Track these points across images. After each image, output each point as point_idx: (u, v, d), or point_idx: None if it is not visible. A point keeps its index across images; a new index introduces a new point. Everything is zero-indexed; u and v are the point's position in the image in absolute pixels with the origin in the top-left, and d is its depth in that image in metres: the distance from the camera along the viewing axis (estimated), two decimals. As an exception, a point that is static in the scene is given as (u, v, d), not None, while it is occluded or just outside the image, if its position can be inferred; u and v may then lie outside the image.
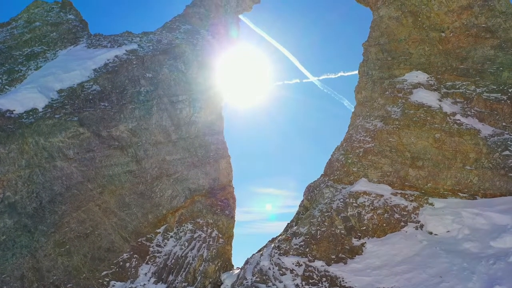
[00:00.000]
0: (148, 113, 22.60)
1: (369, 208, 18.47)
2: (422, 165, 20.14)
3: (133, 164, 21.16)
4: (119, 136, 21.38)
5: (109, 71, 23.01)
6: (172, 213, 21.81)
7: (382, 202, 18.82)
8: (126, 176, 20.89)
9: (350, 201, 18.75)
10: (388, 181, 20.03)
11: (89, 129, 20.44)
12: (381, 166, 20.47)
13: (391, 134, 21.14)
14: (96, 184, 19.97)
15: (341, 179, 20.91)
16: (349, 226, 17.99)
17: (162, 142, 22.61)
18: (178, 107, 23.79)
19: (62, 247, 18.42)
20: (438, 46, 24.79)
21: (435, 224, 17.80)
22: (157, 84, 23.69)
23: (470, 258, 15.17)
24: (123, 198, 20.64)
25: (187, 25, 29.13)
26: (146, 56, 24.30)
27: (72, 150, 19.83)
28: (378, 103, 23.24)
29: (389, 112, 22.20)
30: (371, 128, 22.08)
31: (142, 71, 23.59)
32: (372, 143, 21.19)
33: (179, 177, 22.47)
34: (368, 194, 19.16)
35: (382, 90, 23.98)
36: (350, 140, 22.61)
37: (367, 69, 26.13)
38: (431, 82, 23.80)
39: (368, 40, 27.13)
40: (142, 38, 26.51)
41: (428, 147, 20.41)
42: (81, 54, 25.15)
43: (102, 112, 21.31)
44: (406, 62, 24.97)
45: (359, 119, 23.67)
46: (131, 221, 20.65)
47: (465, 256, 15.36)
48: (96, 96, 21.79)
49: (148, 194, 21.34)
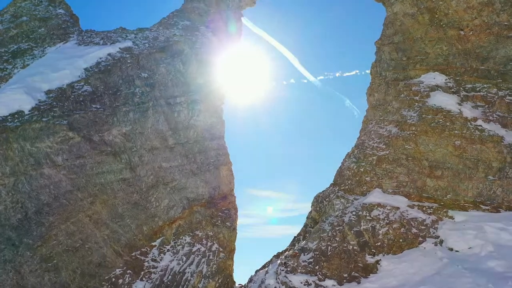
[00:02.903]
0: (144, 116, 22.39)
1: (384, 222, 18.27)
2: (441, 174, 19.94)
3: (127, 172, 20.94)
4: (112, 141, 21.15)
5: (101, 70, 22.71)
6: (168, 225, 21.40)
7: (398, 215, 18.62)
8: (119, 184, 20.66)
9: (363, 214, 18.54)
10: (404, 192, 19.81)
11: (79, 134, 20.18)
12: (397, 176, 20.24)
13: (407, 141, 20.90)
14: (87, 193, 19.73)
15: (353, 189, 20.75)
16: (362, 241, 17.77)
17: (158, 147, 22.44)
18: (176, 109, 23.50)
19: (49, 262, 18.13)
20: (457, 45, 24.56)
21: (456, 239, 17.56)
22: (153, 84, 23.48)
23: (495, 278, 14.82)
24: (116, 209, 20.40)
25: (186, 21, 28.85)
26: (141, 54, 24.03)
27: (61, 156, 19.54)
28: (392, 106, 23.03)
29: (404, 117, 21.95)
30: (385, 134, 21.86)
31: (137, 71, 23.37)
32: (387, 150, 21.01)
33: (176, 186, 22.16)
34: (382, 206, 18.98)
35: (396, 92, 23.75)
36: (362, 146, 22.41)
37: (380, 69, 25.90)
38: (450, 84, 23.58)
39: (381, 38, 26.87)
40: (137, 35, 26.16)
41: (447, 155, 20.17)
42: (71, 51, 24.70)
43: (93, 115, 21.07)
44: (422, 63, 24.71)
45: (372, 123, 23.46)
46: (124, 233, 20.42)
47: (489, 276, 15.01)
48: (87, 98, 21.51)
49: (143, 204, 21.11)
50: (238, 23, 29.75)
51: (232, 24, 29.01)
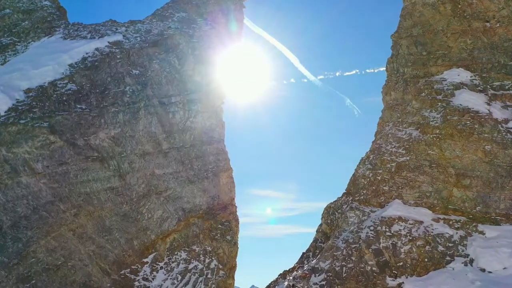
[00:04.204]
0: (134, 117, 21.56)
1: (406, 239, 17.29)
2: (470, 184, 18.99)
3: (116, 180, 20.17)
4: (99, 145, 20.31)
5: (88, 66, 21.80)
6: (162, 239, 20.77)
7: (422, 230, 17.67)
8: (106, 194, 19.86)
9: (382, 229, 17.61)
10: (427, 203, 18.95)
11: (61, 137, 19.32)
12: (419, 185, 19.40)
13: (431, 146, 20.00)
14: (70, 204, 18.91)
15: (369, 200, 19.91)
16: (382, 261, 16.68)
17: (150, 152, 21.61)
18: (171, 110, 22.77)
19: (27, 283, 17.20)
20: (483, 39, 23.65)
21: (489, 258, 16.54)
22: (145, 82, 22.64)
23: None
24: (103, 221, 19.63)
25: (182, 12, 28.18)
26: (132, 49, 23.13)
27: (41, 163, 18.66)
28: (412, 106, 22.21)
29: (426, 118, 21.07)
30: (404, 138, 21.03)
31: (127, 67, 22.49)
32: (407, 156, 20.13)
33: (171, 195, 21.55)
34: (404, 220, 18.04)
35: (416, 91, 22.87)
36: (378, 151, 21.48)
37: (397, 65, 25.17)
38: (476, 81, 22.59)
39: (397, 31, 26.02)
40: (128, 28, 25.28)
41: (476, 162, 19.18)
42: (55, 46, 23.72)
43: (78, 116, 20.20)
44: (444, 58, 23.94)
45: (389, 126, 22.62)
46: (112, 249, 19.57)
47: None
48: (71, 97, 20.60)
49: (134, 216, 20.32)
50: (239, 15, 28.61)
51: (232, 16, 27.95)
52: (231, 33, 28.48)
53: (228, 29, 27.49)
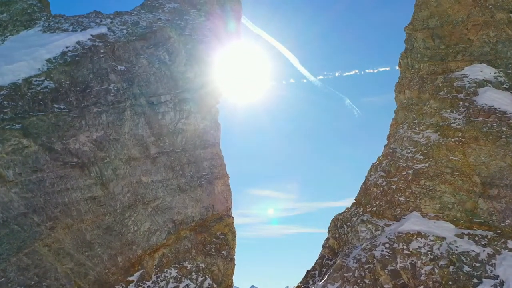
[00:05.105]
0: (119, 118, 20.76)
1: (427, 258, 15.91)
2: (497, 194, 17.77)
3: (98, 188, 19.42)
4: (79, 150, 19.46)
5: (68, 62, 20.82)
6: (150, 254, 20.10)
7: (445, 248, 16.32)
8: (87, 204, 19.07)
9: (399, 247, 16.57)
10: (450, 216, 17.71)
11: (36, 141, 18.44)
12: (440, 195, 18.17)
13: (452, 150, 18.78)
14: (46, 216, 18.06)
15: (382, 212, 18.78)
16: (400, 284, 15.40)
17: (137, 157, 20.87)
18: (160, 110, 22.11)
19: None
20: (507, 31, 22.69)
21: None
22: (131, 79, 21.84)
23: None
24: (83, 235, 18.83)
25: (173, 3, 27.46)
26: (118, 42, 22.23)
27: (12, 169, 17.78)
28: (430, 106, 21.14)
29: (447, 120, 19.89)
30: (422, 141, 19.89)
31: (112, 63, 21.62)
32: (426, 163, 18.94)
33: (159, 205, 20.89)
34: (424, 236, 16.76)
35: (434, 89, 21.80)
36: (392, 156, 20.51)
37: (411, 61, 24.11)
38: (501, 78, 21.44)
39: (412, 23, 25.01)
40: (114, 20, 24.34)
41: (505, 169, 17.96)
42: (33, 40, 22.84)
43: (55, 117, 19.30)
44: (465, 52, 22.95)
45: (403, 127, 21.68)
46: (93, 266, 18.76)
47: None
48: (48, 96, 19.66)
49: (118, 229, 19.56)
50: (236, 5, 27.52)
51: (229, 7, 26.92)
52: (228, 26, 27.84)
53: (224, 21, 26.54)
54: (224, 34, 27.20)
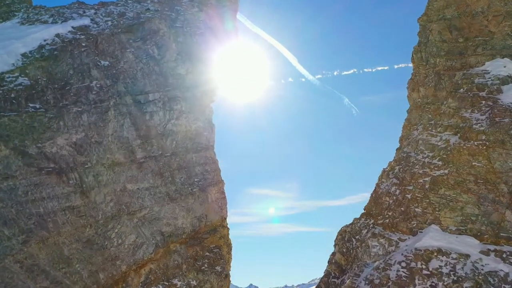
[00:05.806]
0: (102, 119, 20.06)
1: (449, 279, 14.72)
2: None
3: (77, 197, 18.85)
4: (56, 154, 18.73)
5: (45, 56, 19.92)
6: (135, 271, 19.64)
7: (469, 267, 15.11)
8: (65, 215, 18.44)
9: (417, 267, 15.60)
10: (473, 230, 16.54)
11: (7, 144, 17.64)
12: (462, 206, 17.05)
13: (475, 155, 17.59)
14: (18, 228, 17.32)
15: (396, 225, 17.60)
16: None
17: (121, 162, 20.29)
18: (148, 110, 21.50)
19: None
20: None
21: None
22: (116, 76, 21.05)
23: None
24: (60, 250, 18.20)
25: None
26: (101, 35, 21.34)
27: None
28: (448, 106, 20.02)
29: (468, 121, 18.64)
30: (440, 145, 18.73)
31: (94, 57, 20.75)
32: (445, 169, 17.76)
33: (146, 216, 20.42)
34: (445, 253, 15.52)
35: (452, 86, 20.63)
36: (406, 162, 19.35)
37: (426, 55, 22.92)
38: None
39: (426, 13, 23.85)
40: (98, 11, 23.53)
41: None
42: (9, 33, 21.87)
43: (30, 117, 18.48)
44: (485, 45, 21.85)
45: (418, 129, 20.64)
46: (71, 284, 18.17)
47: None
48: (22, 94, 18.77)
49: (100, 242, 18.98)
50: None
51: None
52: (224, 18, 27.08)
53: (219, 12, 25.54)
54: (220, 26, 26.46)
